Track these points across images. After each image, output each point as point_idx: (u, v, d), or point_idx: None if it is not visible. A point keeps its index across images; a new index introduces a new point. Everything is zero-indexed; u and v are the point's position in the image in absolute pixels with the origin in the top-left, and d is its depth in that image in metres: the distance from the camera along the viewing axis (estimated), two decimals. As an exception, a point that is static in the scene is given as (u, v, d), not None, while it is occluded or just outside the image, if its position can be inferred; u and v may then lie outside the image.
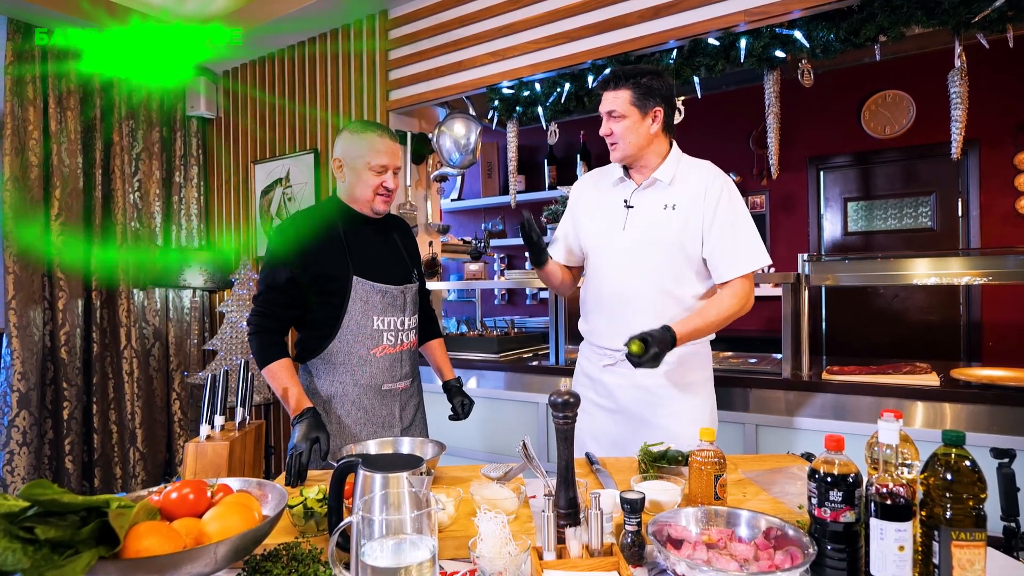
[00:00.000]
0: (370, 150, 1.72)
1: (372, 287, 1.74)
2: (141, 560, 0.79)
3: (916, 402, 2.02)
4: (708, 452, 1.22)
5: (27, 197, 3.29)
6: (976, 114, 3.28)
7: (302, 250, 1.70)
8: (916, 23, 2.08)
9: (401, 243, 1.91)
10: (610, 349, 1.75)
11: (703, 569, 0.91)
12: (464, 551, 1.07)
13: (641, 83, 1.66)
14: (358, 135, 1.74)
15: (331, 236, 1.74)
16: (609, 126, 1.70)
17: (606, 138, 1.73)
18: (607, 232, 1.76)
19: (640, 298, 1.69)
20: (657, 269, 1.68)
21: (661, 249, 1.68)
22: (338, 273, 1.72)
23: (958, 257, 2.15)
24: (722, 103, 4.25)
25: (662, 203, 1.70)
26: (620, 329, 1.62)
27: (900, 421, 0.95)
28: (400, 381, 1.83)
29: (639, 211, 1.72)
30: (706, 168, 1.73)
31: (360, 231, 1.80)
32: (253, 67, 4.01)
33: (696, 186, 1.68)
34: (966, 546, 0.87)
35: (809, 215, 4.31)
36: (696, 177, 1.70)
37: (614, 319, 1.73)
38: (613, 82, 1.68)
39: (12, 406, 3.19)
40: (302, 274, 1.69)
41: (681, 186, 1.70)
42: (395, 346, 1.80)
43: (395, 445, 1.47)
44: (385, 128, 1.78)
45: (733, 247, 1.65)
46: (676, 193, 1.70)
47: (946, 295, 3.89)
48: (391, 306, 1.78)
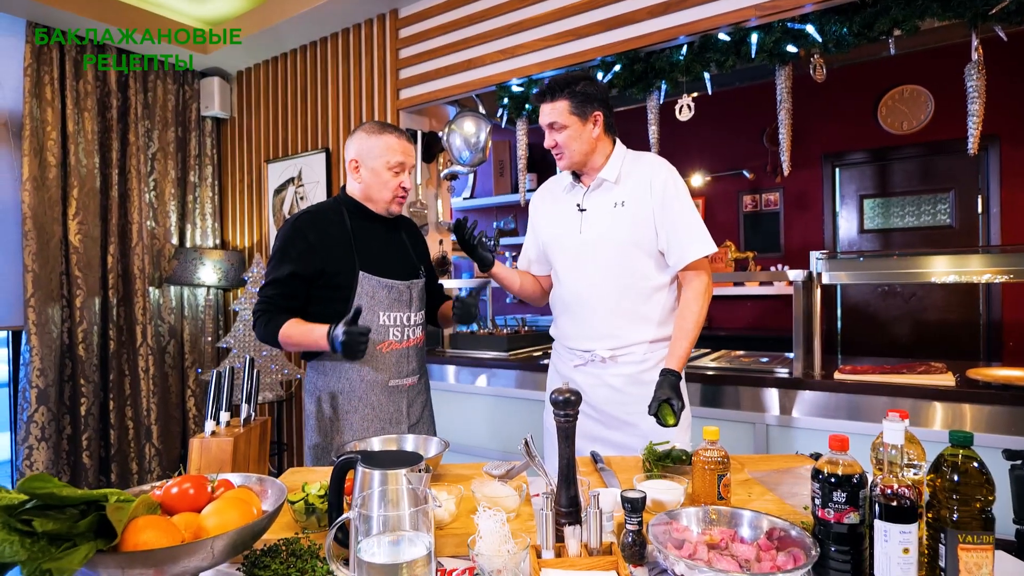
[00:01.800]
0: (388, 150, 1.74)
1: (378, 282, 1.75)
2: (139, 553, 0.80)
3: (931, 402, 1.98)
4: (712, 452, 1.21)
5: (45, 197, 3.35)
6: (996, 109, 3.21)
7: (308, 245, 1.71)
8: (931, 16, 2.04)
9: (408, 240, 1.93)
10: (579, 350, 1.79)
11: (703, 569, 0.90)
12: (464, 549, 1.07)
13: (577, 91, 1.68)
14: (376, 136, 1.76)
15: (338, 231, 1.76)
16: (552, 137, 1.72)
17: (551, 149, 1.75)
18: (563, 236, 1.80)
19: (601, 297, 1.73)
20: (614, 266, 1.71)
21: (616, 247, 1.71)
22: (344, 268, 1.73)
23: (977, 255, 2.10)
24: (735, 99, 4.21)
25: (612, 202, 1.73)
26: (585, 330, 1.76)
27: (906, 421, 0.93)
28: (407, 377, 1.83)
29: (591, 213, 1.75)
30: (649, 161, 1.75)
31: (367, 227, 1.81)
32: (266, 67, 4.05)
33: (641, 180, 1.71)
34: (973, 549, 0.85)
35: (824, 213, 4.25)
36: (640, 171, 1.73)
37: (578, 320, 1.78)
38: (549, 94, 1.70)
39: (31, 402, 3.25)
40: (306, 268, 1.71)
41: (627, 182, 1.73)
42: (401, 342, 1.80)
43: (399, 442, 1.48)
44: (399, 128, 1.81)
45: (688, 234, 1.68)
46: (624, 190, 1.73)
47: (965, 294, 3.81)
48: (397, 301, 1.79)
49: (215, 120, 4.28)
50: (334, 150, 3.69)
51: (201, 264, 3.80)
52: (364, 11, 3.40)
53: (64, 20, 3.30)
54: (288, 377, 3.66)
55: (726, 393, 2.32)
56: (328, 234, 1.74)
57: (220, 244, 4.31)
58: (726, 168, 4.64)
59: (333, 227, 1.76)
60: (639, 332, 1.72)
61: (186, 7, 3.59)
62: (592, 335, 1.75)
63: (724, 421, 2.26)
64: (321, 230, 1.74)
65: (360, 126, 1.81)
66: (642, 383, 1.70)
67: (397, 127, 1.81)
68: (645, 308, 1.72)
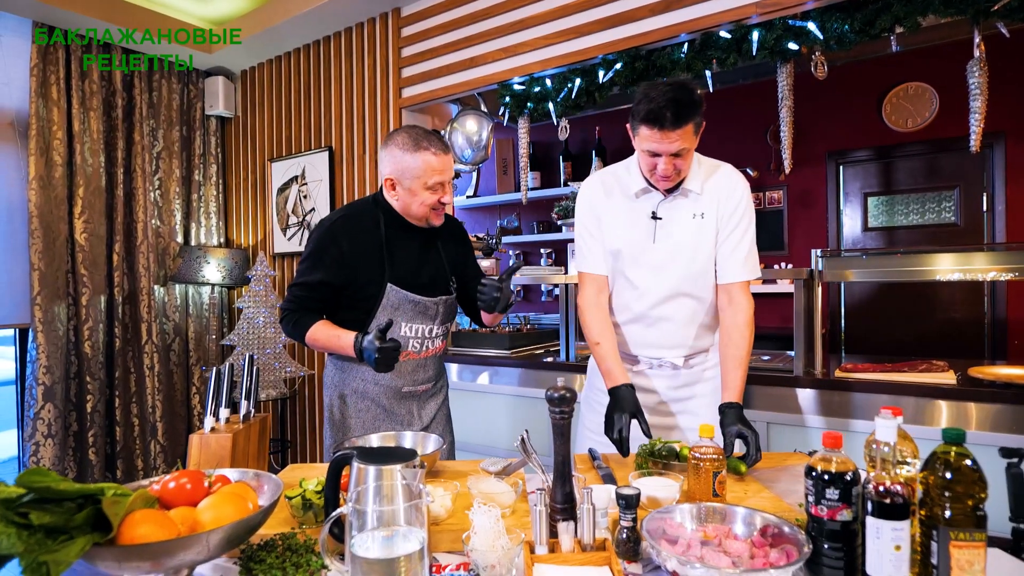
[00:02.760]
0: (427, 169, 1.64)
1: (406, 296, 1.72)
2: (135, 547, 0.81)
3: (933, 401, 1.98)
4: (707, 449, 1.21)
5: (51, 195, 3.38)
6: (1002, 106, 3.19)
7: (340, 254, 1.68)
8: (933, 12, 2.02)
9: (445, 248, 1.86)
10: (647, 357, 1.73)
11: (695, 566, 0.90)
12: (459, 545, 1.08)
13: (700, 108, 1.49)
14: (411, 154, 1.64)
15: (371, 239, 1.72)
16: (673, 165, 1.53)
17: (662, 177, 1.57)
18: (637, 244, 1.67)
19: (679, 307, 1.66)
20: (689, 280, 1.65)
21: (697, 259, 1.64)
22: (374, 278, 1.70)
23: (982, 252, 2.09)
24: (738, 97, 4.20)
25: (691, 213, 1.64)
26: (650, 340, 1.70)
27: (899, 419, 0.93)
28: (421, 384, 1.83)
29: (668, 223, 1.65)
30: (727, 173, 1.68)
31: (402, 236, 1.76)
32: (269, 67, 4.06)
33: (721, 192, 1.64)
34: (965, 546, 0.85)
35: (828, 210, 4.23)
36: (719, 183, 1.65)
37: (653, 328, 1.70)
38: (680, 119, 1.46)
39: (38, 399, 3.28)
40: (337, 278, 1.69)
41: (708, 193, 1.64)
42: (420, 352, 1.79)
43: (398, 439, 1.48)
44: (437, 138, 1.67)
45: (747, 253, 1.64)
46: (704, 201, 1.64)
47: (970, 292, 3.79)
48: (422, 315, 1.76)
49: (219, 119, 4.31)
50: (337, 149, 3.71)
51: (205, 262, 3.82)
52: (366, 10, 3.41)
53: (69, 20, 3.32)
54: (292, 375, 3.68)
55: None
56: (361, 242, 1.71)
57: (224, 242, 4.33)
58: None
59: (366, 234, 1.72)
60: (706, 339, 1.73)
61: (191, 6, 3.61)
62: (666, 343, 1.70)
63: (725, 419, 2.26)
64: (354, 238, 1.70)
65: (393, 136, 1.67)
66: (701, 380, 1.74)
67: (434, 135, 1.67)
68: (709, 317, 1.70)
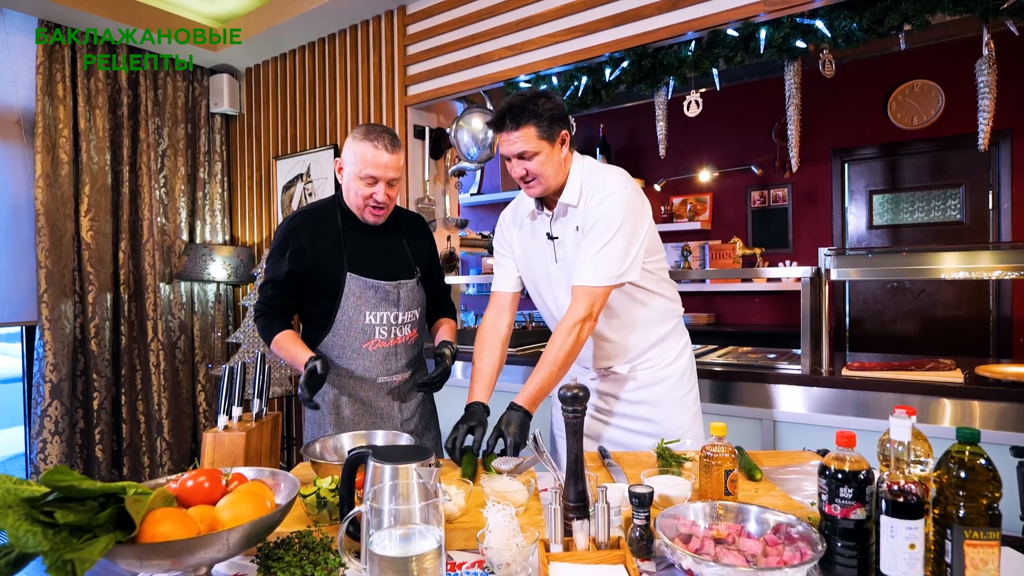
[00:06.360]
0: (360, 160, 1.68)
1: (365, 283, 1.75)
2: (157, 545, 0.82)
3: (940, 399, 1.98)
4: (718, 447, 1.21)
5: (58, 194, 3.39)
6: (1008, 104, 3.18)
7: (299, 245, 1.73)
8: (942, 10, 2.02)
9: (408, 241, 1.89)
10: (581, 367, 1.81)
11: (710, 564, 0.91)
12: (473, 542, 1.08)
13: (541, 113, 1.52)
14: (356, 142, 1.70)
15: (330, 231, 1.77)
16: (522, 167, 1.56)
17: (520, 180, 1.60)
18: (539, 266, 1.71)
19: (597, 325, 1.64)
20: None
21: None
22: (333, 269, 1.75)
23: (987, 251, 2.09)
24: (744, 94, 4.20)
25: (573, 226, 1.62)
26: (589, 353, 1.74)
27: (913, 418, 0.94)
28: (396, 375, 1.84)
29: (562, 241, 1.65)
30: (603, 181, 1.59)
31: (359, 227, 1.81)
32: (274, 64, 4.06)
33: (592, 201, 1.58)
34: (979, 545, 0.85)
35: (833, 208, 4.23)
36: (594, 193, 1.58)
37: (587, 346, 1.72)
38: (512, 122, 1.52)
39: (45, 396, 3.29)
40: (299, 268, 1.73)
41: (583, 205, 1.60)
42: (388, 340, 1.81)
43: (368, 438, 1.45)
44: (385, 136, 1.69)
45: (601, 259, 1.53)
46: (580, 213, 1.60)
47: (975, 290, 3.79)
48: (384, 301, 1.78)
49: (224, 117, 4.31)
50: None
51: (211, 260, 3.83)
52: (372, 7, 3.40)
53: (75, 18, 3.32)
54: (297, 372, 3.69)
55: (734, 389, 2.32)
56: (319, 234, 1.76)
57: (230, 240, 4.34)
58: (734, 164, 4.62)
59: (325, 226, 1.77)
60: (645, 339, 1.71)
61: (196, 5, 3.61)
62: (603, 355, 1.73)
63: (732, 417, 2.27)
64: (312, 230, 1.76)
65: (358, 126, 1.76)
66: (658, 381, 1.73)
67: (385, 134, 1.70)
68: (635, 322, 1.68)
